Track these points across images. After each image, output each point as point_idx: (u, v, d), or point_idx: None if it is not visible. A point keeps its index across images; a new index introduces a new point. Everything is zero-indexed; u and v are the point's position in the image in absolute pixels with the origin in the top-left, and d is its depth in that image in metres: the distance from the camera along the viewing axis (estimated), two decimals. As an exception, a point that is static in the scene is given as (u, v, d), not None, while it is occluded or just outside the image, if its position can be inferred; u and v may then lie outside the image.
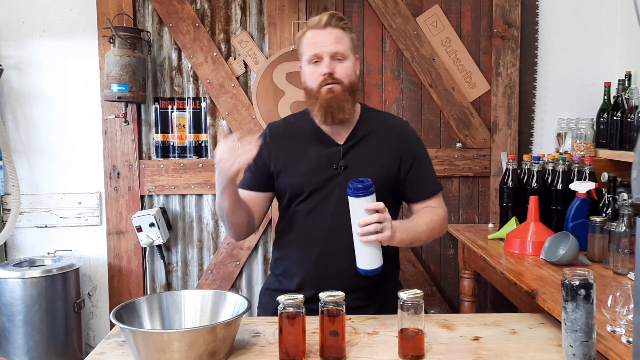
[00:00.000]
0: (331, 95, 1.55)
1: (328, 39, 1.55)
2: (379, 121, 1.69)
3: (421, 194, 1.67)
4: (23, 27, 2.73)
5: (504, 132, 2.79)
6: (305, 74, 1.60)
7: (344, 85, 1.56)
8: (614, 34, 2.79)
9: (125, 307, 1.29)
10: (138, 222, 2.63)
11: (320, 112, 1.57)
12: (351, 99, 1.58)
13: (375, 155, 1.62)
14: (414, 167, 1.65)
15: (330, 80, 1.55)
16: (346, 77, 1.57)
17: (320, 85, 1.56)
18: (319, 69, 1.56)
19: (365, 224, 1.37)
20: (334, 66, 1.55)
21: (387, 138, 1.65)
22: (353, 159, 1.61)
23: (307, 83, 1.60)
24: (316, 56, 1.56)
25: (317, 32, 1.57)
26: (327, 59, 1.55)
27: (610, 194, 2.01)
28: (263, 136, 1.66)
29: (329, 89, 1.55)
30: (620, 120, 2.37)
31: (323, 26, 1.56)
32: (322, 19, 1.57)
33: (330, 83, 1.55)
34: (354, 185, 1.38)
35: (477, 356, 1.26)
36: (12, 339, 2.44)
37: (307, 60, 1.58)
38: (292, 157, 1.63)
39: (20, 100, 2.75)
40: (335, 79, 1.55)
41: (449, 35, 2.77)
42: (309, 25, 1.60)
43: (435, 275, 2.86)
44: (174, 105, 2.80)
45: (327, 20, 1.56)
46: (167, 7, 2.71)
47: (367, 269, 1.41)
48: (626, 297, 1.22)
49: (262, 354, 1.28)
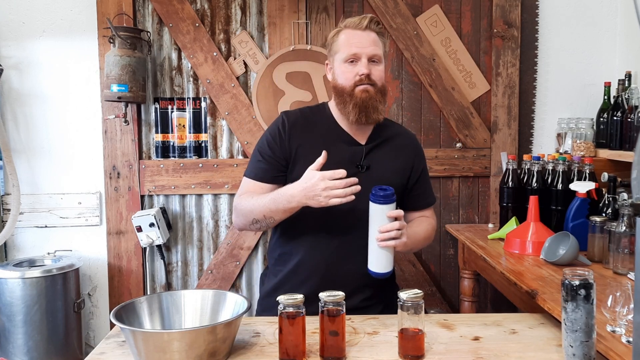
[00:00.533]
0: (366, 95, 1.57)
1: (368, 41, 1.59)
2: (394, 129, 1.75)
3: (422, 204, 1.76)
4: (23, 27, 2.73)
5: (504, 132, 2.79)
6: (339, 72, 1.62)
7: (377, 87, 1.59)
8: (614, 34, 2.80)
9: (125, 307, 1.29)
10: (138, 222, 2.63)
11: (355, 110, 1.58)
12: (382, 100, 1.61)
13: (394, 160, 1.68)
14: (420, 178, 1.73)
15: (366, 81, 1.57)
16: (380, 79, 1.60)
17: (355, 85, 1.58)
18: (355, 69, 1.58)
19: (387, 231, 1.43)
20: (371, 67, 1.58)
21: (402, 145, 1.72)
22: (375, 160, 1.64)
23: (339, 81, 1.61)
24: (355, 56, 1.58)
25: (357, 32, 1.60)
26: (365, 59, 1.58)
27: (610, 194, 2.01)
28: (280, 122, 1.65)
29: (364, 89, 1.57)
30: (620, 120, 2.37)
31: (364, 28, 1.59)
32: (364, 21, 1.60)
33: (366, 83, 1.58)
34: (377, 192, 1.44)
35: (477, 356, 1.26)
36: (12, 339, 2.44)
37: (343, 59, 1.60)
38: (311, 149, 1.59)
39: (20, 100, 2.75)
40: (371, 81, 1.58)
41: (449, 35, 2.77)
42: (347, 25, 1.62)
43: (435, 275, 2.86)
44: (174, 105, 2.80)
45: (368, 23, 1.60)
46: (167, 7, 2.71)
47: (379, 271, 1.48)
48: (626, 297, 1.22)
49: (262, 354, 1.28)
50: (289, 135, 1.62)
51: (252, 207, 1.56)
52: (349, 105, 1.58)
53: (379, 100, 1.59)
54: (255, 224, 1.57)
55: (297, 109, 1.73)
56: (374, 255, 1.48)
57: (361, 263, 1.52)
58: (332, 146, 1.60)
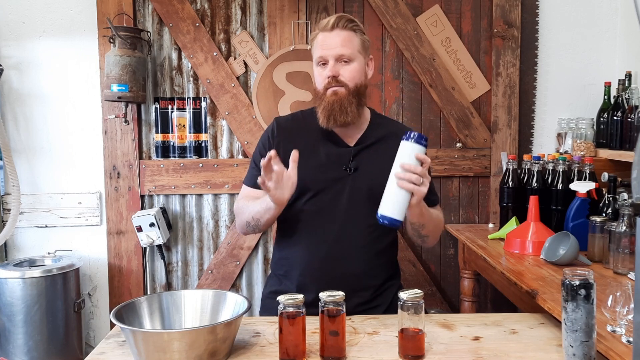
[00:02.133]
0: (334, 97, 1.56)
1: (334, 42, 1.56)
2: (389, 128, 1.70)
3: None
4: (23, 27, 2.73)
5: (504, 132, 2.79)
6: (314, 76, 1.64)
7: (349, 88, 1.57)
8: (614, 34, 2.80)
9: (125, 307, 1.29)
10: (138, 222, 2.63)
11: (323, 113, 1.57)
12: (355, 101, 1.58)
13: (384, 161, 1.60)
14: None
15: (334, 83, 1.56)
16: (351, 79, 1.57)
17: (325, 88, 1.58)
18: (324, 72, 1.58)
19: (411, 170, 1.34)
20: (338, 69, 1.56)
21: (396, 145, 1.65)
22: (363, 161, 1.61)
23: (315, 84, 1.63)
24: (322, 58, 1.58)
25: (325, 34, 1.58)
26: (332, 61, 1.56)
27: (610, 193, 2.01)
28: (270, 130, 1.68)
29: (333, 92, 1.56)
30: (620, 120, 2.37)
31: (330, 28, 1.57)
32: (330, 21, 1.57)
33: (334, 86, 1.56)
34: (411, 132, 1.36)
35: (477, 356, 1.26)
36: (12, 339, 2.44)
37: (315, 62, 1.61)
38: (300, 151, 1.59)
39: (20, 100, 2.75)
40: (340, 82, 1.56)
41: (449, 35, 2.77)
42: (318, 27, 1.61)
43: (436, 275, 2.86)
44: (174, 105, 2.80)
45: (335, 23, 1.57)
46: (167, 7, 2.71)
47: (387, 215, 1.36)
48: (626, 297, 1.22)
49: (262, 354, 1.28)
50: (278, 141, 1.64)
51: (244, 211, 1.61)
52: (319, 108, 1.59)
53: (348, 102, 1.56)
54: (249, 227, 1.61)
55: (289, 114, 1.77)
56: (387, 197, 1.38)
57: (359, 264, 1.50)
58: (320, 148, 1.62)
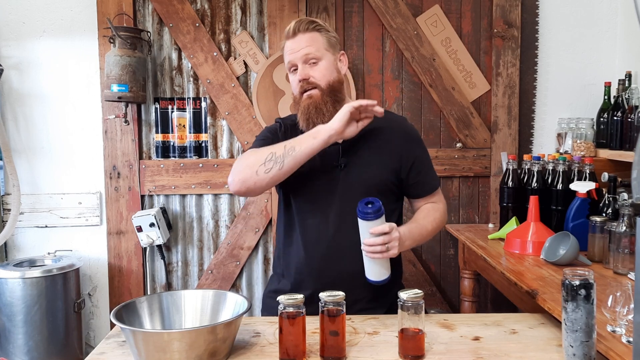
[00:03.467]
0: (309, 101, 1.56)
1: (298, 45, 1.56)
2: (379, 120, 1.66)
3: (423, 191, 1.68)
4: (23, 27, 2.73)
5: (504, 132, 2.79)
6: (290, 83, 1.64)
7: (322, 88, 1.56)
8: (614, 34, 2.79)
9: (125, 307, 1.29)
10: (138, 222, 2.63)
11: (302, 118, 1.57)
12: (330, 100, 1.56)
13: (375, 154, 1.61)
14: (415, 165, 1.64)
15: (307, 85, 1.56)
16: (322, 78, 1.56)
17: (300, 93, 1.58)
18: (296, 77, 1.58)
19: (370, 245, 1.40)
20: (307, 71, 1.56)
21: (387, 136, 1.64)
22: (353, 157, 1.60)
23: (292, 91, 1.63)
24: (291, 64, 1.58)
25: (289, 41, 1.58)
26: (300, 64, 1.56)
27: (610, 194, 2.01)
28: (277, 125, 1.68)
29: (308, 95, 1.56)
30: (620, 120, 2.37)
31: (292, 34, 1.57)
32: (290, 27, 1.58)
33: (308, 89, 1.56)
34: (363, 208, 1.39)
35: (477, 356, 1.26)
36: (13, 339, 2.44)
37: (287, 70, 1.62)
38: None
39: (20, 100, 2.75)
40: (312, 83, 1.56)
41: (449, 35, 2.77)
42: (284, 36, 1.61)
43: (436, 275, 2.86)
44: (174, 105, 2.80)
45: (295, 28, 1.57)
46: (167, 7, 2.71)
47: (373, 279, 1.46)
48: (626, 297, 1.22)
49: (262, 354, 1.28)
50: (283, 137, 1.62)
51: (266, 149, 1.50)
52: (298, 113, 1.59)
53: (324, 101, 1.55)
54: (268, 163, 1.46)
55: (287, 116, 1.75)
56: (366, 265, 1.46)
57: (356, 261, 1.48)
58: None
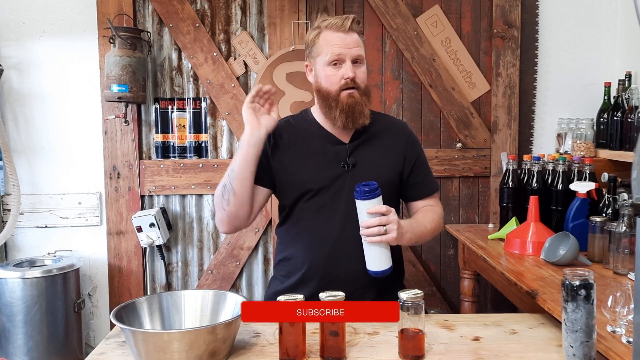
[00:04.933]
0: (352, 100, 1.55)
1: (351, 42, 1.54)
2: (382, 122, 1.70)
3: (422, 193, 1.70)
4: (23, 27, 2.73)
5: (504, 132, 2.79)
6: (323, 76, 1.57)
7: (362, 90, 1.57)
8: (614, 34, 2.79)
9: (125, 307, 1.29)
10: (138, 222, 2.63)
11: (342, 116, 1.55)
12: (368, 102, 1.59)
13: (381, 155, 1.64)
14: (415, 167, 1.67)
15: (352, 84, 1.55)
16: (363, 81, 1.58)
17: (340, 89, 1.55)
18: (340, 72, 1.54)
19: (368, 226, 1.41)
20: (355, 70, 1.55)
21: (390, 139, 1.67)
22: (360, 157, 1.62)
23: (324, 84, 1.58)
24: (338, 57, 1.54)
25: (342, 34, 1.54)
26: (349, 62, 1.54)
27: (610, 194, 2.01)
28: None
29: (350, 94, 1.55)
30: (620, 121, 2.37)
31: (347, 30, 1.54)
32: (346, 22, 1.54)
33: (350, 88, 1.55)
34: (360, 188, 1.41)
35: (477, 356, 1.26)
36: (12, 339, 2.44)
37: (327, 62, 1.55)
38: (298, 154, 1.62)
39: (20, 100, 2.75)
40: (356, 84, 1.55)
41: (449, 36, 2.77)
42: (328, 26, 1.56)
43: (436, 275, 2.86)
44: (174, 105, 2.80)
45: (351, 24, 1.55)
46: (167, 8, 2.71)
47: (375, 270, 1.45)
48: (626, 297, 1.22)
49: (262, 354, 1.28)
50: (274, 143, 1.63)
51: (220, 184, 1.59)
52: (335, 110, 1.56)
53: (364, 104, 1.56)
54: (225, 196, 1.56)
55: (281, 119, 1.69)
56: (366, 254, 1.46)
57: (361, 262, 1.50)
58: (318, 148, 1.62)
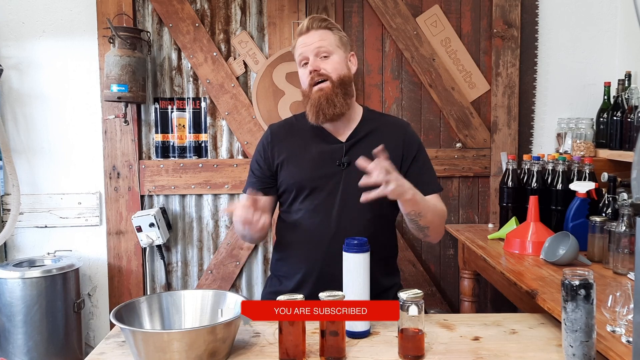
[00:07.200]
0: (320, 93, 1.58)
1: (311, 40, 1.60)
2: (382, 122, 1.71)
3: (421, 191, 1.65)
4: (23, 27, 2.73)
5: (504, 132, 2.79)
6: (300, 78, 1.66)
7: (333, 80, 1.59)
8: (614, 34, 2.79)
9: (125, 307, 1.29)
10: (138, 222, 2.63)
11: (312, 110, 1.59)
12: (341, 92, 1.59)
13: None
14: (414, 166, 1.66)
15: (318, 77, 1.59)
16: (333, 71, 1.59)
17: (310, 86, 1.60)
18: (307, 70, 1.61)
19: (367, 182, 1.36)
20: (318, 63, 1.59)
21: (389, 137, 1.66)
22: (356, 156, 1.60)
23: (302, 86, 1.66)
24: (302, 56, 1.62)
25: (302, 37, 1.63)
26: (311, 57, 1.60)
27: (610, 194, 2.01)
28: (265, 138, 1.71)
29: (319, 88, 1.59)
30: (620, 120, 2.37)
31: (306, 31, 1.62)
32: (304, 24, 1.62)
33: (319, 81, 1.59)
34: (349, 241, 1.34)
35: (477, 356, 1.26)
36: (12, 339, 2.44)
37: (298, 64, 1.65)
38: (294, 152, 1.65)
39: (20, 100, 2.75)
40: (323, 75, 1.59)
41: (449, 35, 2.77)
42: (296, 34, 1.66)
43: (435, 275, 2.86)
44: (174, 105, 2.80)
45: (308, 24, 1.61)
46: (167, 7, 2.71)
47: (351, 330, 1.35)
48: (626, 297, 1.22)
49: (262, 354, 1.28)
50: (272, 147, 1.68)
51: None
52: (307, 107, 1.61)
53: (335, 93, 1.58)
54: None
55: (283, 120, 1.80)
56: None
57: None
58: (313, 146, 1.64)
